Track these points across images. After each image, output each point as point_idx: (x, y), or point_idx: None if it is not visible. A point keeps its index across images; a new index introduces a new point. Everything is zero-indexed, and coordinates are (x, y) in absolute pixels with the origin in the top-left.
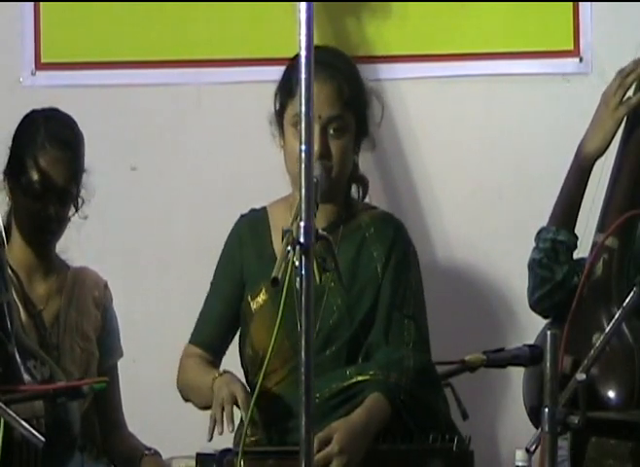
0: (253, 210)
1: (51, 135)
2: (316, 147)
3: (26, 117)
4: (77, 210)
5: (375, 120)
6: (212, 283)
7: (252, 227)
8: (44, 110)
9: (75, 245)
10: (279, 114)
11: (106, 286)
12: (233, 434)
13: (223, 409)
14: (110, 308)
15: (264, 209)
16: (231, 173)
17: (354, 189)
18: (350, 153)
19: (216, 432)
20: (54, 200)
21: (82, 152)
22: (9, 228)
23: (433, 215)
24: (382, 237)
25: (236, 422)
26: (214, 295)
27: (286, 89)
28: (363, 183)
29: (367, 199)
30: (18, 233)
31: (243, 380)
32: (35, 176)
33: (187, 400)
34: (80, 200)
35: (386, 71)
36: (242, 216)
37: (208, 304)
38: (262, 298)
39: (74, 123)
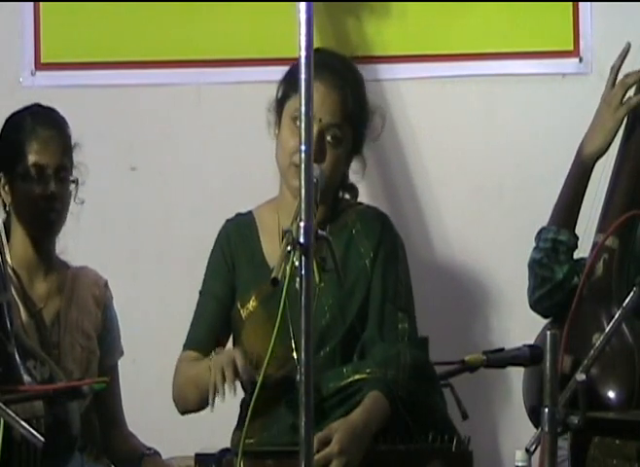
0: (239, 214)
1: (38, 120)
2: None
3: (11, 116)
4: (73, 183)
5: (376, 132)
6: (202, 289)
7: (240, 231)
8: (27, 107)
9: (75, 245)
10: (280, 103)
11: (106, 285)
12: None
13: (223, 376)
14: (110, 307)
15: (250, 213)
16: (231, 173)
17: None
18: (342, 164)
19: (218, 400)
20: (54, 178)
21: (68, 131)
22: (8, 229)
23: (433, 215)
24: (369, 233)
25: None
26: (206, 298)
27: (293, 81)
28: (352, 191)
29: (364, 200)
30: (21, 229)
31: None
32: (32, 158)
33: (184, 412)
34: (75, 185)
35: (386, 71)
36: (228, 221)
37: (201, 307)
38: (252, 305)
39: (57, 112)
